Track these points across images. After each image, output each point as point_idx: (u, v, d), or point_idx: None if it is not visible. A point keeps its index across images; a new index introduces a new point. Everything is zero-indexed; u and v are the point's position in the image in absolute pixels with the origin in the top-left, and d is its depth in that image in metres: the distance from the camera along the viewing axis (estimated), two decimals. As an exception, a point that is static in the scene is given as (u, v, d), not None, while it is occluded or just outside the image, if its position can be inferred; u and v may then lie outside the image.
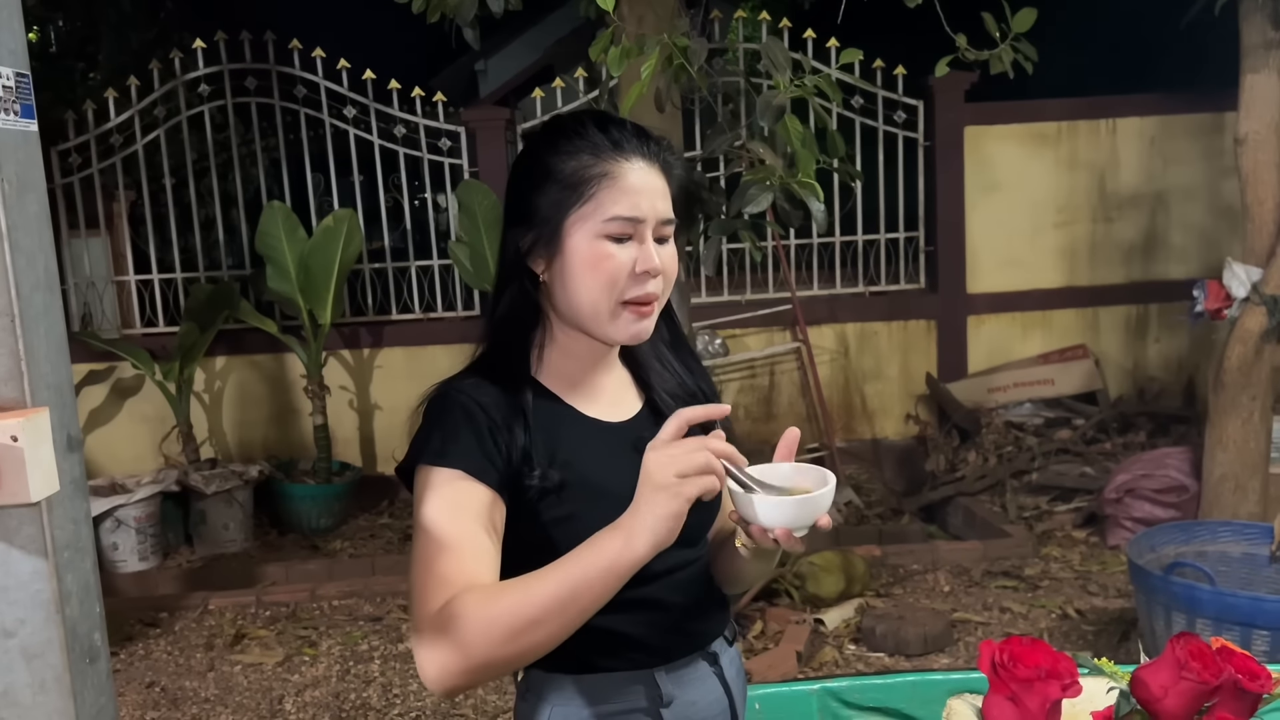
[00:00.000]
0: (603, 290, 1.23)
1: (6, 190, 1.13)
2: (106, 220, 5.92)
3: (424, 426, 1.25)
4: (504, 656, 1.09)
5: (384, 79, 5.75)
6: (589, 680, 1.27)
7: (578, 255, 1.23)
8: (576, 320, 1.27)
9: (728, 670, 1.36)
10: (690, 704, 1.30)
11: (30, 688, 1.19)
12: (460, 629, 1.09)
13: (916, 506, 5.41)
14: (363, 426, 6.00)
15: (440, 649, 1.10)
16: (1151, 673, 1.04)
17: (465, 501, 1.18)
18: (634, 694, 1.28)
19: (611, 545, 1.07)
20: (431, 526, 1.18)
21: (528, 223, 1.26)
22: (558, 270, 1.25)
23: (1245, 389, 3.90)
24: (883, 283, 6.15)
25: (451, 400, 1.24)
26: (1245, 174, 3.89)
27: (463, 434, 1.21)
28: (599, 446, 1.28)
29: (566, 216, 1.23)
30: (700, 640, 1.34)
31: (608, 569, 1.07)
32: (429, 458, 1.21)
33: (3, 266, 1.13)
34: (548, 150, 1.26)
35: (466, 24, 3.64)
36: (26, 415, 1.13)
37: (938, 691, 1.91)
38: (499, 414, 1.22)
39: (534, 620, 1.08)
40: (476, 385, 1.25)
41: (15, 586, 1.17)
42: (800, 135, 3.28)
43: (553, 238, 1.24)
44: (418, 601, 1.15)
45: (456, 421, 1.22)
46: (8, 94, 1.14)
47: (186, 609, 4.62)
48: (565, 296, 1.26)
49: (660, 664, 1.29)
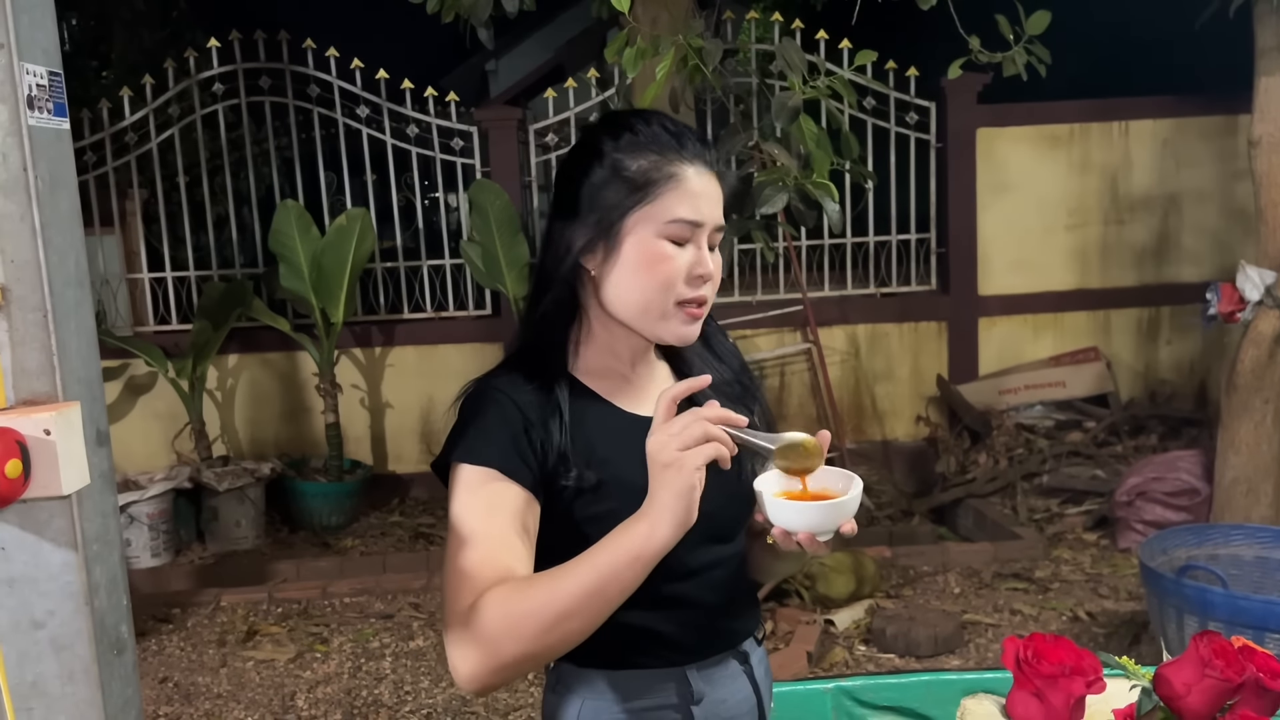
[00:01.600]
0: (658, 290, 1.24)
1: (40, 187, 1.14)
2: (120, 218, 5.95)
3: (459, 423, 1.25)
4: (534, 652, 1.10)
5: (396, 78, 5.77)
6: (621, 676, 1.27)
7: (637, 253, 1.23)
8: (626, 317, 1.27)
9: (757, 669, 1.37)
10: (720, 702, 1.31)
11: (59, 678, 1.20)
12: (489, 628, 1.09)
13: (927, 508, 5.41)
14: (374, 425, 6.02)
15: (470, 648, 1.10)
16: (1175, 670, 1.04)
17: (498, 501, 1.19)
18: (665, 691, 1.28)
19: (636, 534, 1.08)
20: (463, 525, 1.18)
21: (585, 217, 1.25)
22: (612, 267, 1.25)
23: (1258, 392, 3.89)
24: (894, 284, 6.15)
25: (488, 398, 1.24)
26: (1259, 176, 3.88)
27: (498, 433, 1.21)
28: (638, 442, 1.24)
29: (629, 214, 1.23)
30: (733, 639, 1.35)
31: (635, 557, 1.08)
32: (463, 455, 1.21)
33: (36, 262, 1.15)
34: (612, 146, 1.25)
35: (481, 24, 3.66)
36: (58, 409, 1.14)
37: (952, 691, 1.91)
38: (535, 412, 1.23)
39: (563, 614, 1.08)
40: (513, 382, 1.25)
41: (45, 578, 1.18)
42: (815, 136, 3.29)
43: (612, 234, 1.24)
44: (449, 600, 1.16)
45: (492, 420, 1.22)
46: (41, 92, 1.15)
47: (199, 605, 4.64)
48: (618, 293, 1.25)
49: (692, 661, 1.29)
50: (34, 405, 1.15)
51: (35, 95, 1.15)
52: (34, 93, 1.15)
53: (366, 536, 5.51)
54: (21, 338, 1.15)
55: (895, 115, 5.94)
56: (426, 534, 5.46)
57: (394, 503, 5.91)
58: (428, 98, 5.83)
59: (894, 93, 5.89)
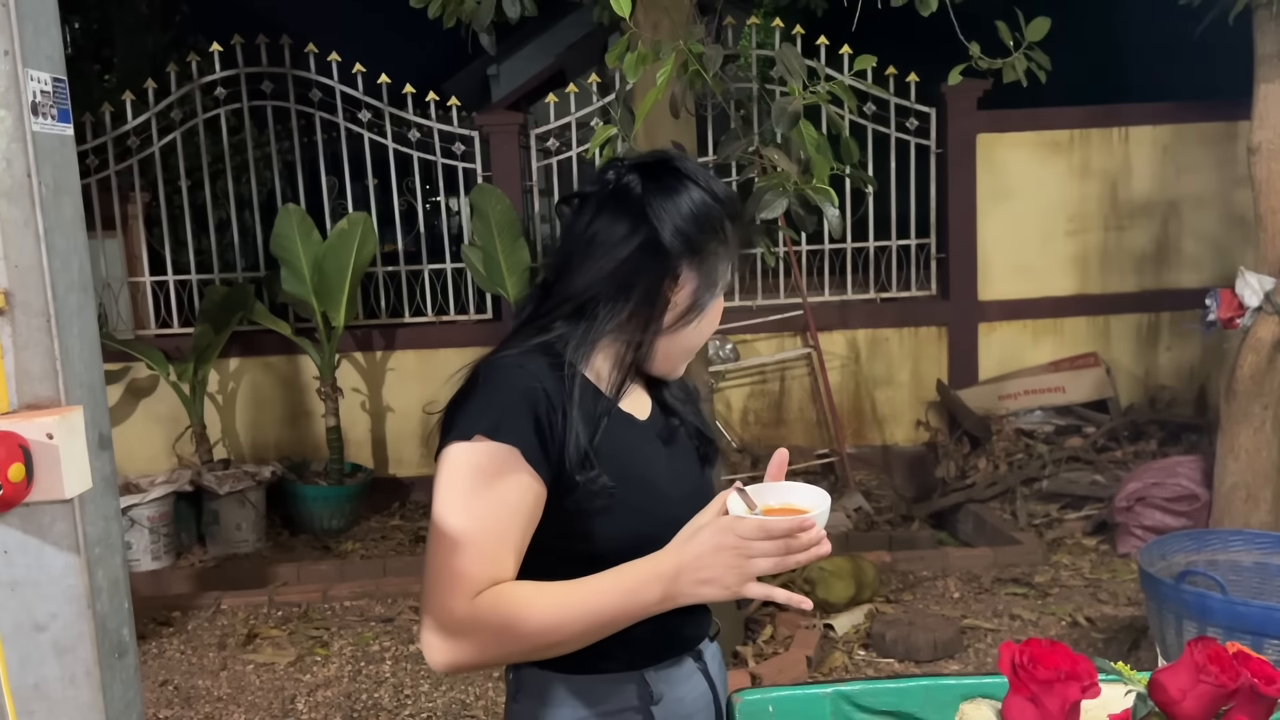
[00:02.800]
0: (702, 340, 1.35)
1: (44, 193, 1.15)
2: (122, 221, 5.96)
3: (479, 395, 1.22)
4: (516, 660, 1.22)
5: (398, 83, 5.78)
6: (582, 681, 1.29)
7: (714, 312, 1.33)
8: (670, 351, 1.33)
9: (711, 665, 1.41)
10: (678, 700, 1.34)
11: (61, 681, 1.21)
12: (483, 635, 1.16)
13: (926, 513, 5.41)
14: (375, 428, 6.03)
15: (457, 645, 1.17)
16: (1170, 676, 1.05)
17: (510, 492, 1.19)
18: (626, 694, 1.30)
19: (649, 596, 1.16)
20: (469, 511, 1.18)
21: (694, 250, 1.28)
22: (698, 311, 1.31)
23: (1257, 398, 3.89)
24: (894, 289, 6.16)
25: (515, 376, 1.23)
26: (1258, 183, 3.89)
27: (522, 412, 1.20)
28: (635, 439, 1.33)
29: (725, 272, 1.32)
30: (690, 640, 1.38)
31: (640, 613, 1.17)
32: (484, 429, 1.18)
33: (39, 267, 1.15)
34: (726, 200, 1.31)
35: (483, 29, 3.66)
36: (61, 413, 1.15)
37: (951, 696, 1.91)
38: (558, 400, 1.23)
39: (557, 641, 1.18)
40: (538, 366, 1.25)
41: (47, 581, 1.19)
42: (815, 141, 3.29)
43: (710, 282, 1.31)
44: (437, 587, 1.18)
45: (517, 397, 1.21)
46: (45, 99, 1.16)
47: (199, 608, 4.64)
48: (690, 334, 1.32)
49: (650, 664, 1.32)
50: (37, 409, 1.16)
51: (39, 102, 1.16)
52: (38, 99, 1.16)
53: (367, 540, 5.51)
54: (25, 342, 1.16)
55: (895, 121, 5.95)
56: (427, 538, 5.46)
57: (394, 506, 5.91)
58: (429, 102, 5.84)
59: (894, 98, 5.90)
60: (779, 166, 3.35)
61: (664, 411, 1.41)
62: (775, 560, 1.11)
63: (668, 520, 1.25)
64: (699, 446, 1.45)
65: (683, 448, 1.41)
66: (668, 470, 1.34)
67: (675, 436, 1.40)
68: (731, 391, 6.08)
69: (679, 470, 1.37)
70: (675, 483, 1.33)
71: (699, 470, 1.42)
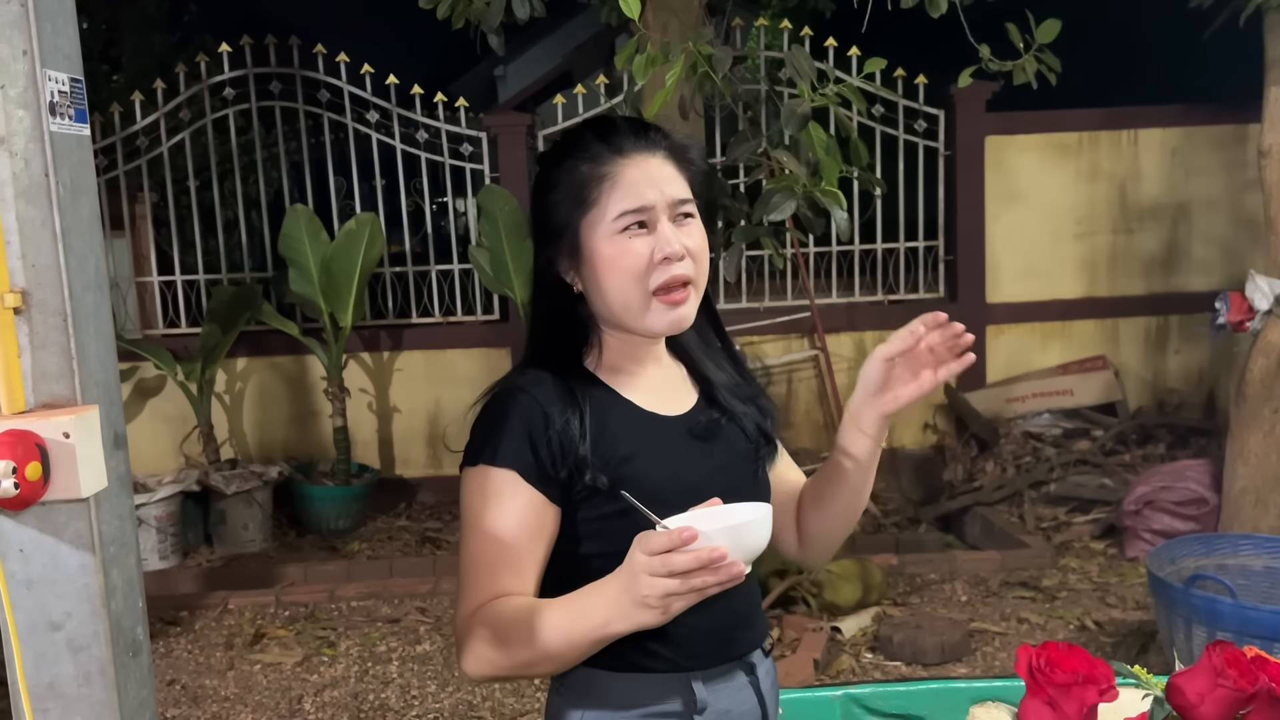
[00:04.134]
0: (629, 285, 1.26)
1: (61, 193, 1.16)
2: (130, 221, 5.97)
3: (483, 425, 1.29)
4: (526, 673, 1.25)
5: (406, 84, 5.79)
6: (625, 680, 1.27)
7: (599, 258, 1.27)
8: (615, 320, 1.31)
9: (763, 681, 1.36)
10: (724, 712, 1.31)
11: (76, 680, 1.21)
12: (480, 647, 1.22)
13: (934, 516, 5.41)
14: (382, 429, 6.03)
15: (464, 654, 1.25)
16: (1188, 680, 1.04)
17: (510, 508, 1.24)
18: (669, 698, 1.28)
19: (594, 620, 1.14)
20: (474, 529, 1.26)
21: (551, 239, 1.31)
22: (587, 278, 1.30)
23: (1267, 402, 3.89)
24: (901, 291, 6.15)
25: (511, 398, 1.28)
26: (1268, 186, 3.89)
27: (519, 435, 1.25)
28: (655, 440, 1.31)
29: (579, 225, 1.28)
30: (739, 649, 1.34)
31: (595, 642, 1.17)
32: (485, 457, 1.26)
33: (56, 267, 1.16)
34: (553, 167, 1.31)
35: (491, 30, 3.67)
36: (77, 413, 1.15)
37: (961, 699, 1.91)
38: (558, 408, 1.26)
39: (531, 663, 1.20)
40: (538, 379, 1.29)
41: (63, 580, 1.19)
42: (824, 143, 3.29)
43: (574, 248, 1.29)
44: (457, 599, 1.27)
45: (515, 421, 1.26)
46: (63, 98, 1.17)
47: (206, 608, 4.65)
48: (600, 300, 1.30)
49: (698, 669, 1.29)
50: (53, 408, 1.16)
51: (57, 101, 1.16)
52: (56, 99, 1.16)
53: (374, 540, 5.51)
54: (42, 341, 1.16)
55: (904, 123, 5.95)
56: (434, 538, 5.46)
57: (401, 507, 5.91)
58: (437, 103, 5.85)
59: (903, 100, 5.89)
60: (787, 168, 3.35)
61: (711, 405, 1.38)
62: (677, 581, 1.04)
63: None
64: (755, 447, 1.39)
65: (728, 445, 1.36)
66: (698, 469, 1.30)
67: (717, 433, 1.35)
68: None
69: (713, 467, 1.32)
70: (707, 482, 1.24)
71: (746, 470, 1.37)
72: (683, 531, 1.04)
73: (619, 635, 1.14)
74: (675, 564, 1.04)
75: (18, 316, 1.15)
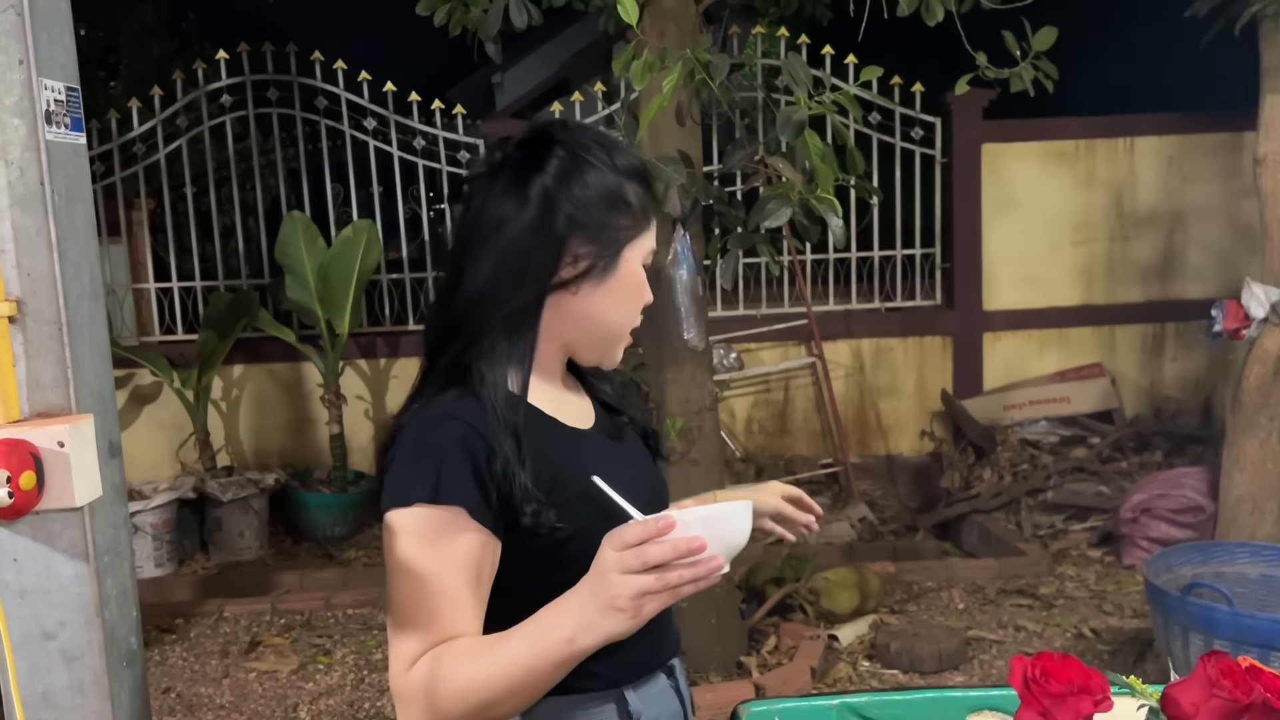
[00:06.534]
0: (630, 317, 1.29)
1: (57, 202, 1.15)
2: (127, 228, 5.97)
3: (414, 460, 1.16)
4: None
5: (403, 91, 5.79)
6: (564, 701, 1.23)
7: (627, 280, 1.26)
8: (595, 338, 1.29)
9: (681, 681, 1.39)
10: (655, 718, 1.32)
11: (69, 689, 1.21)
12: (418, 704, 1.10)
13: (931, 523, 5.40)
14: (378, 436, 6.01)
15: (406, 712, 1.12)
16: (1183, 690, 1.04)
17: (456, 549, 1.14)
18: (606, 712, 1.27)
19: (558, 640, 1.06)
20: (412, 577, 1.14)
21: (582, 232, 1.22)
22: (603, 290, 1.25)
23: (1263, 409, 3.89)
24: (899, 299, 6.15)
25: (446, 429, 1.17)
26: (1264, 194, 3.89)
27: (462, 468, 1.14)
28: (588, 456, 1.28)
29: (626, 240, 1.26)
30: (664, 656, 1.36)
31: (559, 663, 1.07)
32: (424, 495, 1.14)
33: (51, 276, 1.16)
34: (611, 167, 1.24)
35: (489, 38, 3.67)
36: (72, 421, 1.15)
37: (957, 708, 1.91)
38: (497, 439, 1.16)
39: (488, 703, 1.09)
40: (466, 408, 1.18)
41: (57, 590, 1.19)
42: (820, 151, 3.29)
43: (613, 258, 1.25)
44: (393, 654, 1.14)
45: (457, 455, 1.15)
46: (59, 107, 1.17)
47: (202, 615, 4.63)
48: (600, 314, 1.26)
49: (629, 681, 1.29)
50: (48, 417, 1.16)
51: (53, 110, 1.16)
52: (52, 108, 1.16)
53: (370, 548, 5.50)
54: (36, 350, 1.16)
55: (901, 130, 5.96)
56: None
57: (397, 514, 5.90)
58: (434, 110, 5.85)
59: (900, 108, 5.90)
60: (784, 175, 3.35)
61: (607, 411, 1.39)
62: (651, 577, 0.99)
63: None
64: (646, 440, 1.43)
65: (633, 444, 1.40)
66: (623, 476, 1.22)
67: (624, 434, 1.38)
68: (735, 401, 6.07)
69: (635, 472, 1.34)
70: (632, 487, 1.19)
71: (652, 465, 1.42)
72: (659, 520, 0.99)
73: (586, 652, 1.06)
74: (650, 555, 0.98)
75: (12, 325, 1.14)
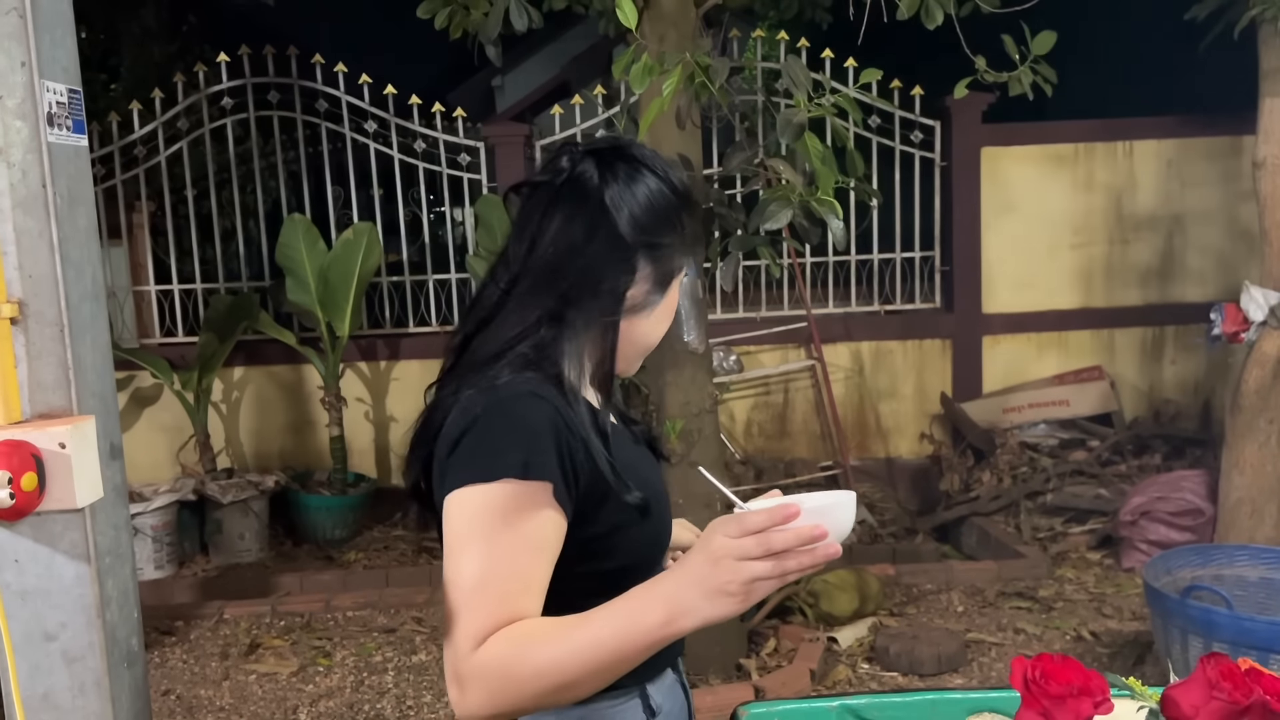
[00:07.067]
0: (660, 335, 1.33)
1: (58, 203, 1.16)
2: (127, 230, 5.97)
3: (496, 434, 1.13)
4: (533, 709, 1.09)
5: (404, 94, 5.80)
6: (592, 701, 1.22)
7: (668, 300, 1.30)
8: (633, 351, 1.31)
9: (683, 678, 1.43)
10: (669, 713, 1.35)
11: (70, 691, 1.21)
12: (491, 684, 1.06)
13: (930, 526, 5.41)
14: (378, 438, 6.03)
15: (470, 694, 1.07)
16: (1182, 692, 1.04)
17: (536, 526, 1.12)
18: (631, 709, 1.29)
19: (652, 623, 1.04)
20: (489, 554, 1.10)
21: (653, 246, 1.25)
22: (651, 306, 1.28)
23: (1262, 412, 3.89)
24: (898, 302, 6.16)
25: (535, 406, 1.15)
26: (1263, 197, 3.90)
27: (548, 446, 1.13)
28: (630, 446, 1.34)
29: (679, 261, 1.30)
30: (675, 651, 1.38)
31: (649, 646, 1.05)
32: (513, 470, 1.11)
33: (53, 278, 1.16)
34: (682, 191, 1.28)
35: (490, 41, 3.68)
36: (74, 423, 1.15)
37: (956, 710, 1.91)
38: (580, 426, 1.18)
39: (564, 685, 1.06)
40: (550, 391, 1.18)
41: (58, 591, 1.19)
42: (820, 153, 3.29)
43: (668, 277, 1.29)
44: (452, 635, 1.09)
45: (544, 431, 1.14)
46: (61, 109, 1.17)
47: (202, 618, 4.63)
48: (645, 330, 1.30)
49: (651, 678, 1.32)
50: (50, 419, 1.16)
51: (55, 113, 1.16)
52: (54, 110, 1.16)
53: (370, 550, 5.50)
54: (38, 352, 1.16)
55: (900, 134, 5.97)
56: (430, 548, 5.45)
57: (397, 516, 5.90)
58: (435, 113, 5.86)
59: (899, 111, 5.91)
60: (784, 178, 3.36)
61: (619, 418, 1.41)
62: (770, 564, 0.99)
63: (669, 522, 1.31)
64: (650, 446, 1.45)
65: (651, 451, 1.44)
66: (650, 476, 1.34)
67: (637, 437, 1.41)
68: (735, 403, 6.07)
69: (656, 474, 1.39)
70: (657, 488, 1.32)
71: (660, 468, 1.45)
72: (785, 509, 0.99)
73: (681, 634, 1.04)
74: (774, 542, 0.98)
75: (14, 327, 1.15)
